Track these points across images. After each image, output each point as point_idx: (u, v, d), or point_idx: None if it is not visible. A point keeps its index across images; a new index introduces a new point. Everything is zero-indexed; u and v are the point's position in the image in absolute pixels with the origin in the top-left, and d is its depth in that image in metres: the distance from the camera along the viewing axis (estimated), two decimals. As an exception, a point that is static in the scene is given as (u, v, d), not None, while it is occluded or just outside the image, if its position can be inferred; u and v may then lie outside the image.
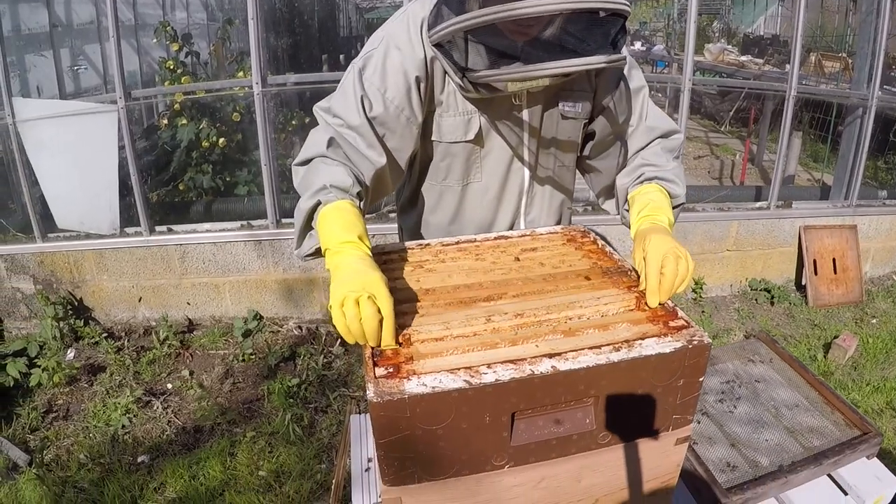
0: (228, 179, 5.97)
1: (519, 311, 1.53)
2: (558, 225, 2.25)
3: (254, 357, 4.99)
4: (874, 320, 5.71)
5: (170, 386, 4.69)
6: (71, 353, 5.03)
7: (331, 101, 1.87)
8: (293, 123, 6.27)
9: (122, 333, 5.32)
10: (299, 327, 5.41)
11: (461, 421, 1.30)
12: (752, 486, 2.31)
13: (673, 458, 1.58)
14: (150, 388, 4.63)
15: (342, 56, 8.42)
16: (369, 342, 1.40)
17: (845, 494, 2.43)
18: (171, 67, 5.66)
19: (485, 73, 1.65)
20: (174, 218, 5.55)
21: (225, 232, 5.30)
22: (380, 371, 1.31)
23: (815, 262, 5.87)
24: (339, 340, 5.16)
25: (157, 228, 5.28)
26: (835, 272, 5.92)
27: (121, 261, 5.28)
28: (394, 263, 1.81)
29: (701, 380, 1.45)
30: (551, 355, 1.33)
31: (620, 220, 2.06)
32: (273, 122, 5.43)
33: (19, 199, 5.31)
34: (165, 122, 5.96)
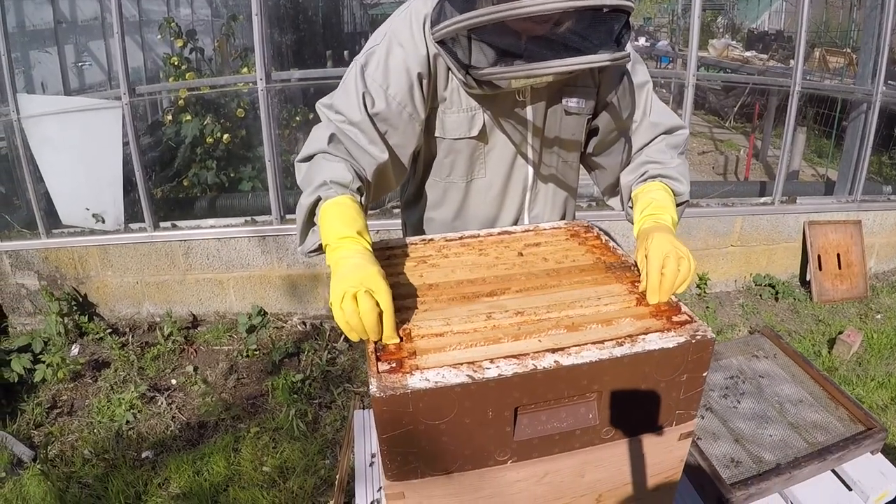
0: (232, 175, 5.97)
1: (522, 307, 1.53)
2: (562, 220, 2.25)
3: (258, 353, 5.00)
4: (879, 316, 5.70)
5: (174, 382, 4.70)
6: (75, 349, 5.04)
7: (333, 98, 1.86)
8: (297, 119, 6.28)
9: (127, 329, 5.33)
10: (303, 323, 5.41)
11: (464, 416, 1.29)
12: (755, 482, 2.31)
13: (676, 453, 1.57)
14: (155, 384, 4.63)
15: (346, 52, 8.41)
16: (370, 337, 1.40)
17: (849, 490, 2.42)
18: (175, 63, 5.66)
19: (488, 70, 1.64)
20: (178, 214, 5.56)
21: (229, 228, 5.30)
22: (383, 366, 1.31)
23: (819, 257, 5.86)
24: (342, 336, 5.16)
25: (162, 224, 5.29)
26: (839, 267, 5.91)
27: (125, 256, 5.29)
28: (397, 259, 1.81)
29: (704, 375, 1.45)
30: (554, 350, 1.33)
31: (626, 218, 2.05)
32: (277, 118, 5.43)
33: (24, 195, 5.33)
34: (170, 118, 5.96)
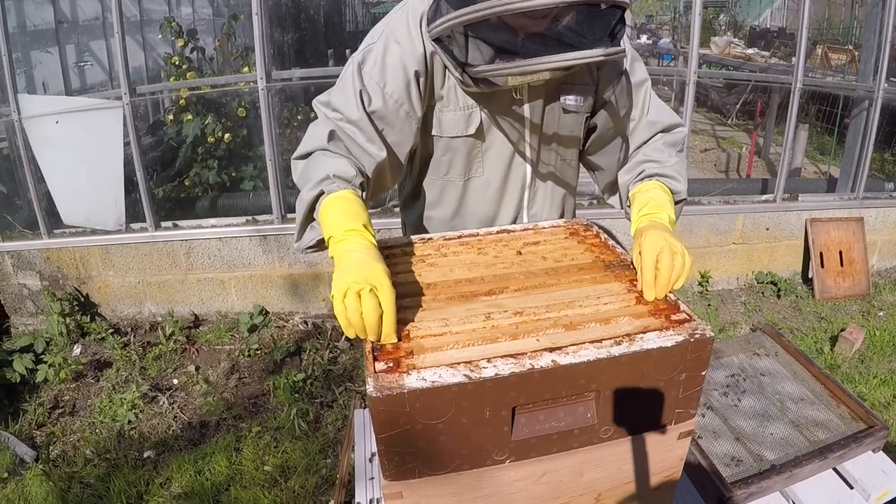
0: (234, 175, 5.97)
1: (520, 306, 1.52)
2: (561, 219, 2.24)
3: (259, 352, 5.00)
4: (881, 313, 5.69)
5: (176, 381, 4.70)
6: (77, 349, 5.05)
7: (330, 96, 1.86)
8: (298, 118, 6.28)
9: (129, 329, 5.33)
10: (305, 322, 5.41)
11: (461, 415, 1.29)
12: (756, 481, 2.31)
13: (676, 452, 1.57)
14: (156, 384, 4.64)
15: (348, 51, 8.40)
16: (369, 336, 1.39)
17: (851, 488, 2.42)
18: (176, 63, 5.66)
19: (483, 67, 1.64)
20: (180, 213, 5.57)
21: (230, 227, 5.30)
22: (380, 366, 1.31)
23: (821, 254, 5.85)
24: (343, 335, 5.16)
25: (163, 224, 5.29)
26: (841, 265, 5.90)
27: (126, 256, 5.29)
28: (396, 258, 1.80)
29: (703, 374, 1.44)
30: (552, 349, 1.33)
31: (625, 216, 2.04)
32: (278, 117, 5.43)
33: (25, 195, 5.33)
34: (171, 117, 5.97)
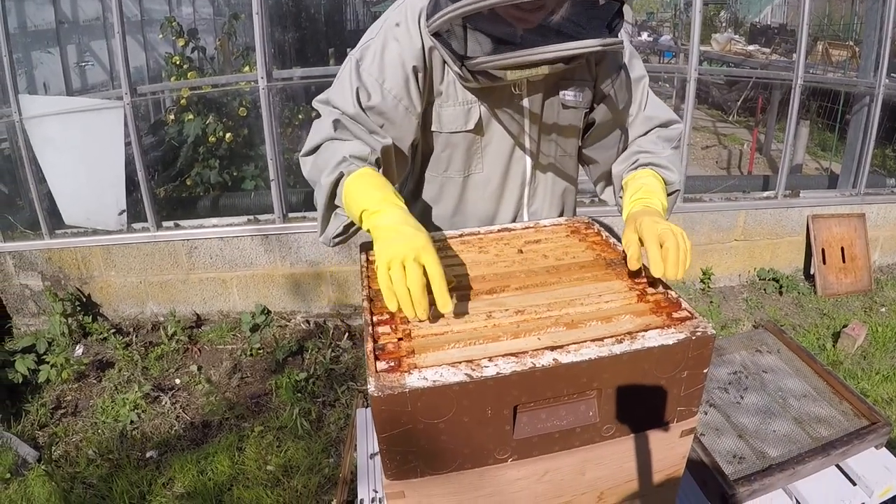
0: (235, 174, 5.97)
1: (521, 304, 1.52)
2: (562, 216, 2.24)
3: (261, 351, 5.00)
4: (883, 309, 5.69)
5: (178, 381, 4.71)
6: (79, 350, 5.05)
7: (328, 94, 1.87)
8: (300, 118, 6.27)
9: (131, 329, 5.34)
10: (307, 321, 5.41)
11: (463, 414, 1.29)
12: (759, 478, 2.30)
13: (678, 450, 1.57)
14: (159, 384, 4.64)
15: (349, 49, 8.35)
16: (417, 312, 1.37)
17: (854, 485, 2.41)
18: (177, 63, 5.66)
19: (481, 59, 1.65)
20: (181, 213, 5.57)
21: (232, 227, 5.30)
22: (381, 365, 1.30)
23: (823, 251, 5.85)
24: (346, 334, 5.16)
25: (165, 224, 5.29)
26: (843, 261, 5.90)
27: (128, 256, 5.29)
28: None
29: (705, 371, 1.44)
30: (553, 348, 1.32)
31: (616, 209, 2.05)
32: (279, 116, 5.43)
33: (27, 195, 5.33)
34: (172, 117, 5.97)
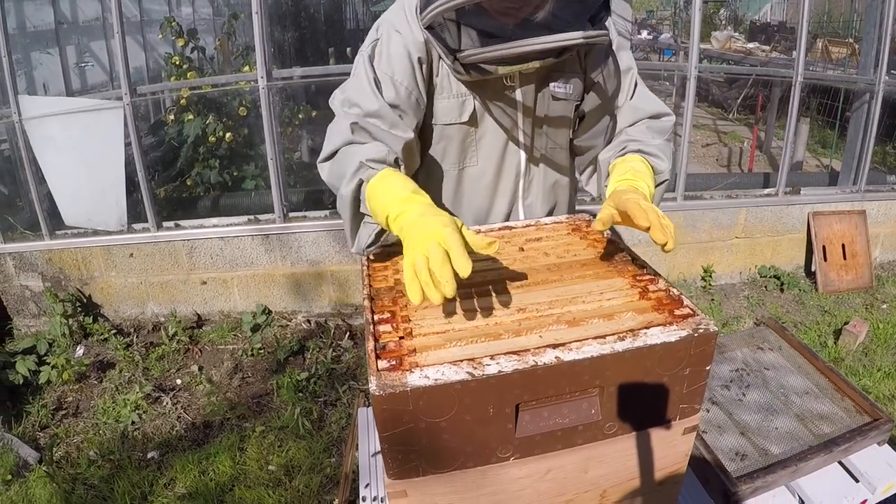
0: (235, 174, 5.97)
1: (523, 302, 1.52)
2: (554, 211, 2.27)
3: (262, 351, 5.00)
4: (884, 306, 5.68)
5: (179, 381, 4.70)
6: (80, 350, 5.05)
7: (346, 92, 1.88)
8: (300, 117, 6.27)
9: (131, 329, 5.33)
10: (308, 321, 5.41)
11: (465, 413, 1.29)
12: (761, 475, 2.30)
13: (681, 447, 1.56)
14: (160, 384, 4.64)
15: (349, 49, 8.38)
16: (444, 289, 1.34)
17: (856, 482, 2.41)
18: (176, 63, 5.66)
19: (469, 52, 1.69)
20: (181, 213, 5.56)
21: (232, 227, 5.29)
22: (382, 364, 1.30)
23: (824, 248, 5.84)
24: (347, 334, 5.16)
25: (165, 224, 5.29)
26: (844, 258, 5.89)
27: (129, 257, 5.28)
28: (398, 256, 1.80)
29: (708, 368, 1.44)
30: (555, 346, 1.32)
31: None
32: (279, 116, 5.42)
33: (27, 196, 5.33)
34: (172, 117, 5.97)
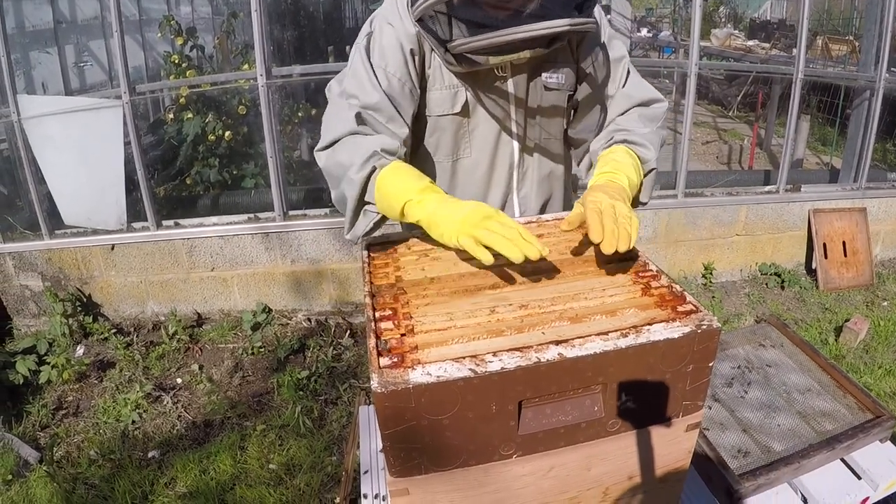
0: (235, 172, 5.96)
1: (525, 299, 1.51)
2: (548, 203, 2.29)
3: (263, 350, 4.99)
4: (885, 303, 5.68)
5: (179, 380, 4.70)
6: (80, 350, 5.04)
7: (343, 84, 1.90)
8: (299, 115, 6.26)
9: (131, 329, 5.33)
10: (308, 319, 5.40)
11: (467, 410, 1.28)
12: (764, 472, 2.30)
13: (684, 444, 1.56)
14: (160, 383, 4.63)
15: (348, 47, 8.35)
16: (535, 248, 1.47)
17: (859, 479, 2.41)
18: (175, 61, 5.64)
19: (459, 42, 1.72)
20: (181, 212, 5.56)
21: (232, 225, 5.29)
22: (384, 361, 1.29)
23: (824, 245, 5.84)
24: (347, 332, 5.16)
25: (165, 223, 5.28)
26: (845, 255, 5.89)
27: (128, 256, 5.28)
28: (398, 252, 1.79)
29: (711, 365, 1.43)
30: (558, 342, 1.31)
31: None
32: (278, 114, 5.42)
33: (26, 196, 5.32)
34: (171, 116, 5.96)
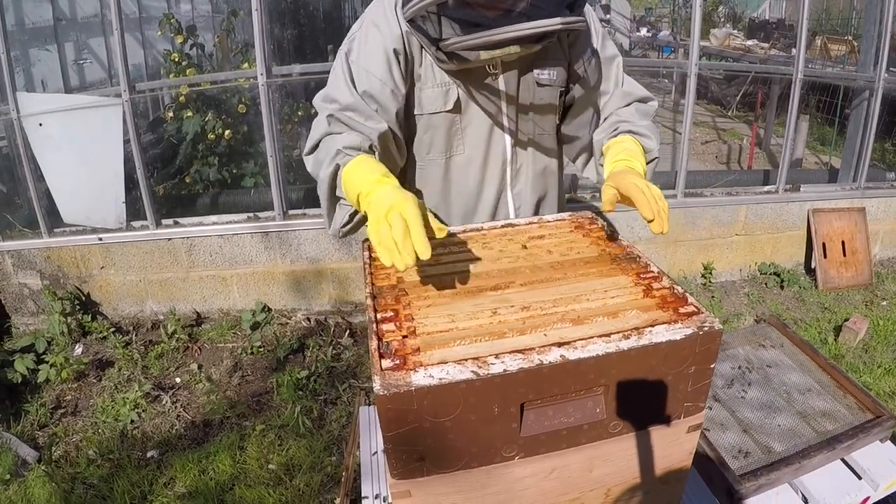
0: (235, 171, 5.95)
1: (527, 301, 1.51)
2: (543, 200, 2.31)
3: (262, 350, 4.99)
4: (884, 302, 5.68)
5: (178, 380, 4.69)
6: (79, 349, 5.04)
7: (326, 90, 1.97)
8: (299, 114, 6.25)
9: (130, 328, 5.33)
10: (308, 319, 5.40)
11: (469, 412, 1.28)
12: (765, 473, 2.30)
13: (685, 445, 1.56)
14: (159, 383, 4.63)
15: (346, 46, 8.39)
16: (402, 257, 1.43)
17: (859, 479, 2.41)
18: (175, 60, 5.63)
19: (452, 41, 1.75)
20: (181, 211, 5.55)
21: (232, 224, 5.29)
22: (386, 363, 1.29)
23: (824, 245, 5.84)
24: (347, 331, 5.15)
25: (164, 222, 5.28)
26: (844, 255, 5.89)
27: (127, 255, 5.28)
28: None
29: (712, 366, 1.43)
30: (560, 344, 1.32)
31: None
32: (279, 113, 5.41)
33: (25, 194, 5.31)
34: (171, 114, 5.95)
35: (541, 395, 1.33)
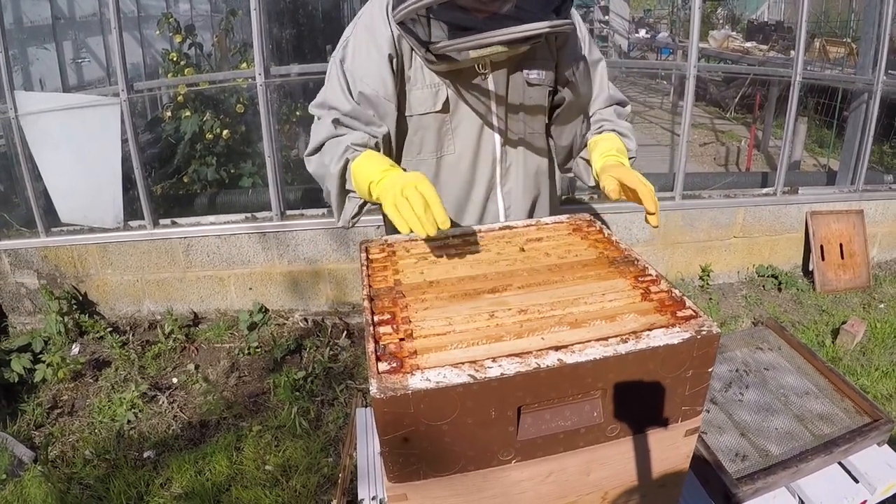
0: (232, 171, 5.95)
1: (524, 304, 1.51)
2: (537, 201, 2.34)
3: (259, 350, 4.99)
4: (882, 305, 5.68)
5: (175, 380, 4.69)
6: (76, 348, 5.03)
7: (324, 97, 2.03)
8: (297, 115, 6.25)
9: (127, 328, 5.32)
10: (305, 319, 5.40)
11: (466, 416, 1.27)
12: (762, 476, 2.29)
13: (682, 449, 1.56)
14: (156, 383, 4.62)
15: (345, 47, 8.38)
16: (425, 227, 1.59)
17: (856, 482, 2.41)
18: (174, 59, 5.62)
19: (443, 44, 1.79)
20: (178, 211, 5.54)
21: (229, 224, 5.28)
22: (383, 366, 1.29)
23: (822, 247, 5.84)
24: (344, 332, 5.15)
25: (161, 221, 5.27)
26: (842, 257, 5.89)
27: (125, 254, 5.27)
28: (397, 255, 1.79)
29: (710, 370, 1.43)
30: (557, 348, 1.31)
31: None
32: (277, 113, 5.41)
33: (22, 193, 5.30)
34: (169, 114, 5.94)
35: (538, 399, 1.32)
